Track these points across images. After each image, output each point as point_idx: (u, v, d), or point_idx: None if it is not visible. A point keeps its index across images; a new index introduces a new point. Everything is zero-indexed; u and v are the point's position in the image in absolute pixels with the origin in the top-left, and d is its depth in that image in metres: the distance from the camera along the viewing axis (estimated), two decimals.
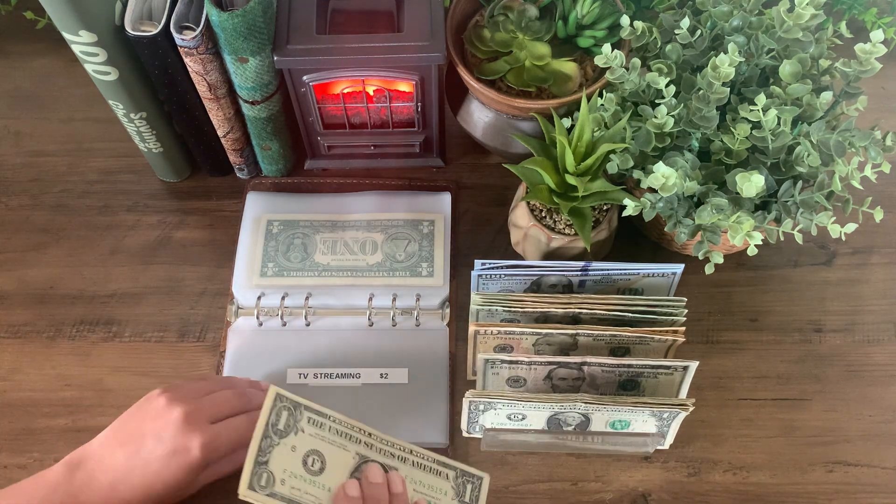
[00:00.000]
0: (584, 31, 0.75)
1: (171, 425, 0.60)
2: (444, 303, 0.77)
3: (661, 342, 0.67)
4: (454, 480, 0.65)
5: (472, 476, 0.66)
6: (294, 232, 0.80)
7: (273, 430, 0.59)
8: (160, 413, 0.61)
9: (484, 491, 0.66)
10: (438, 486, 0.64)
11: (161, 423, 0.61)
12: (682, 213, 0.65)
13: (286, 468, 0.58)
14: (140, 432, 0.61)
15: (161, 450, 0.60)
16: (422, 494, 0.63)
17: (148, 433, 0.61)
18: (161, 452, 0.60)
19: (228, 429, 0.62)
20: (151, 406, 0.62)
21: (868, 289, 0.79)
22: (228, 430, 0.62)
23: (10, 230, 0.83)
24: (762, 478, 0.70)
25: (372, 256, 0.79)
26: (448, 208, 0.82)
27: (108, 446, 0.62)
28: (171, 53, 0.68)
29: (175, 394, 0.63)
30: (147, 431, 0.61)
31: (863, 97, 0.66)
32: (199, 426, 0.61)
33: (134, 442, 0.61)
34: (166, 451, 0.60)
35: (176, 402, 0.62)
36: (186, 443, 0.60)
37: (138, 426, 0.62)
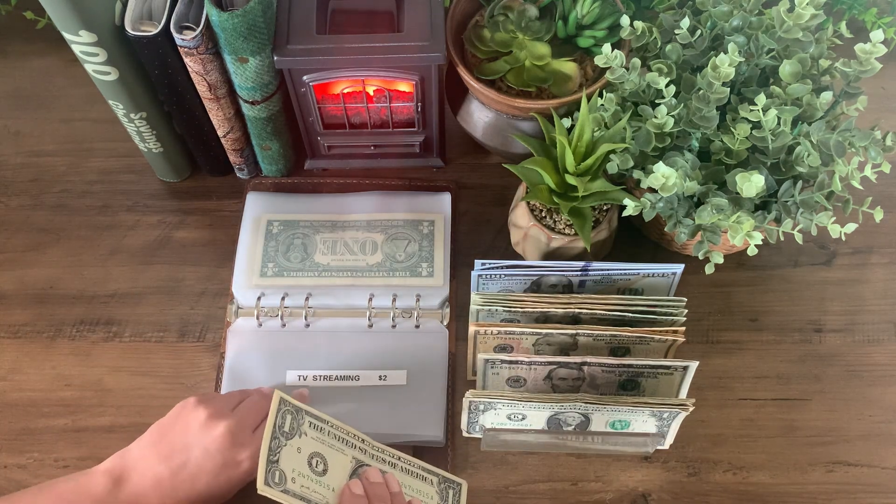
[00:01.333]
0: (584, 31, 0.75)
1: (218, 439, 0.61)
2: (444, 303, 0.77)
3: (661, 342, 0.67)
4: (438, 486, 0.67)
5: (452, 482, 0.68)
6: (294, 232, 0.80)
7: (280, 432, 0.60)
8: (204, 426, 0.62)
9: (463, 496, 0.68)
10: (425, 490, 0.66)
11: (208, 438, 0.61)
12: (682, 213, 0.65)
13: (294, 468, 0.59)
14: (184, 445, 0.61)
15: (211, 465, 0.61)
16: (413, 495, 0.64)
17: (194, 447, 0.61)
18: (211, 467, 0.61)
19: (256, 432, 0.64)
20: (192, 418, 0.62)
21: (868, 289, 0.79)
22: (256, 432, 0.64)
23: (10, 230, 0.83)
24: (762, 478, 0.70)
25: (372, 256, 0.79)
26: (448, 208, 0.82)
27: (150, 459, 0.61)
28: (171, 53, 0.68)
29: (214, 406, 0.63)
30: (193, 445, 0.61)
31: (863, 97, 0.66)
32: (245, 439, 0.62)
33: (179, 456, 0.61)
34: (216, 465, 0.61)
35: (219, 416, 0.62)
36: (236, 456, 0.61)
37: (181, 439, 0.62)
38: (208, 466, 0.61)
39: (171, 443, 0.62)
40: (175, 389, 0.75)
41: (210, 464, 0.61)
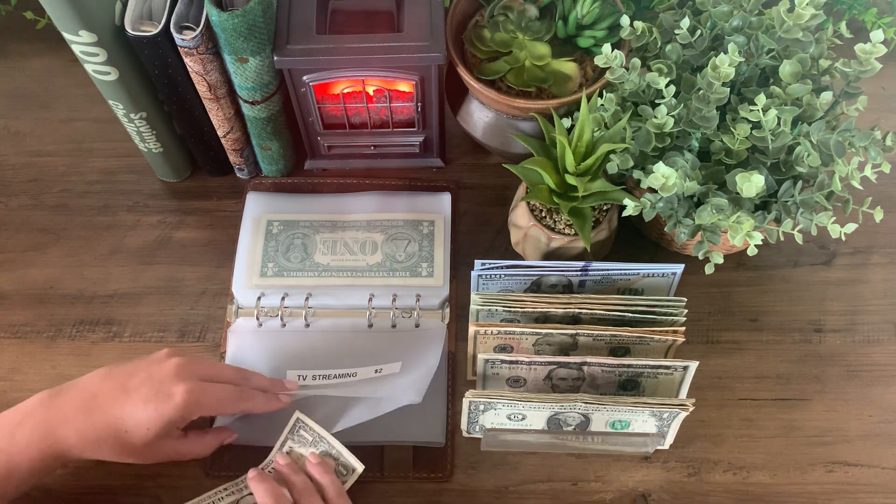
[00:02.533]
0: (584, 31, 0.75)
1: (163, 370, 0.63)
2: (444, 303, 0.77)
3: (661, 342, 0.67)
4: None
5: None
6: (294, 232, 0.80)
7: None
8: (158, 359, 0.64)
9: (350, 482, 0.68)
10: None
11: (155, 367, 0.63)
12: (682, 213, 0.65)
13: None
14: (133, 371, 0.63)
15: (145, 389, 0.62)
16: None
17: (140, 371, 0.63)
18: (144, 392, 0.62)
19: (216, 388, 0.65)
20: (154, 355, 0.65)
21: (868, 289, 0.79)
22: (215, 390, 0.64)
23: (10, 230, 0.83)
24: (762, 478, 0.70)
25: (372, 257, 0.79)
26: (448, 208, 0.82)
27: (97, 377, 0.64)
28: (171, 53, 0.68)
29: (179, 352, 0.66)
30: (139, 370, 0.63)
31: (863, 97, 0.66)
32: (188, 377, 0.63)
33: (122, 376, 0.63)
34: (150, 391, 0.62)
35: (176, 355, 0.65)
36: (171, 388, 0.62)
37: (134, 366, 0.64)
38: (142, 391, 0.62)
39: (124, 368, 0.64)
40: None
41: (144, 388, 0.62)
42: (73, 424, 0.61)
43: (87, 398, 0.62)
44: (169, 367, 0.63)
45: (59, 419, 0.61)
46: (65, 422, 0.61)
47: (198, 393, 0.63)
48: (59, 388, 0.63)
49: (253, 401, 0.67)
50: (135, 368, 0.64)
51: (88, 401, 0.62)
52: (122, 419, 0.62)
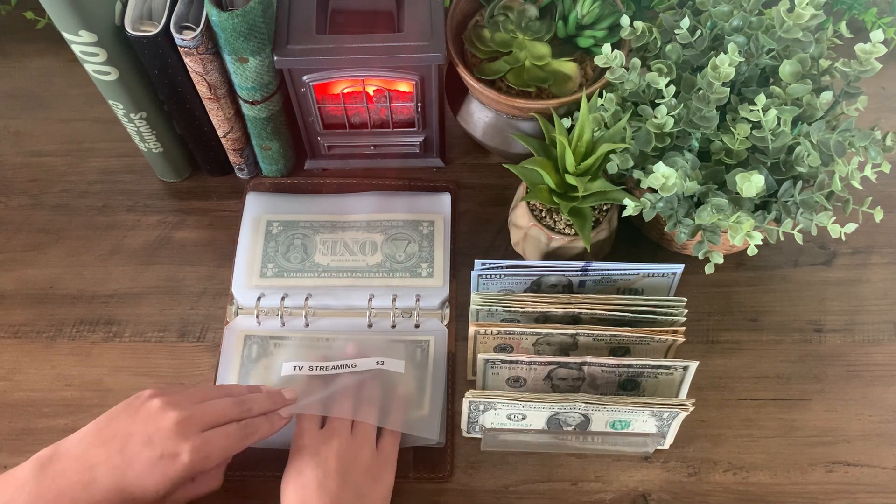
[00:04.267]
0: (584, 31, 0.75)
1: (162, 430, 0.58)
2: (444, 303, 0.77)
3: (661, 342, 0.67)
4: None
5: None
6: (294, 232, 0.80)
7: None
8: (152, 416, 0.59)
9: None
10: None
11: (152, 427, 0.58)
12: (682, 213, 0.65)
13: None
14: (127, 432, 0.58)
15: (148, 454, 0.57)
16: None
17: (136, 434, 0.58)
18: (147, 456, 0.57)
19: (220, 437, 0.60)
20: (143, 408, 0.60)
21: (868, 289, 0.79)
22: (220, 439, 0.60)
23: (10, 230, 0.83)
24: (762, 478, 0.70)
25: (372, 257, 0.79)
26: (448, 209, 0.82)
27: (87, 444, 0.59)
28: (171, 53, 0.68)
29: (170, 398, 0.60)
30: (135, 432, 0.58)
31: (863, 97, 0.66)
32: (191, 433, 0.59)
33: (118, 441, 0.58)
34: (153, 455, 0.57)
35: (171, 407, 0.59)
36: (176, 449, 0.58)
37: (126, 426, 0.59)
38: (145, 455, 0.57)
39: (114, 429, 0.59)
40: None
41: (147, 453, 0.57)
42: (71, 499, 0.57)
43: (84, 471, 0.57)
44: (167, 424, 0.58)
45: (55, 495, 0.56)
46: (62, 496, 0.56)
47: (204, 449, 0.58)
48: (49, 458, 0.58)
49: (258, 432, 0.63)
50: (127, 429, 0.59)
51: (85, 474, 0.57)
52: (126, 489, 0.57)
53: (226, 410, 0.62)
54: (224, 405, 0.62)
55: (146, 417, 0.59)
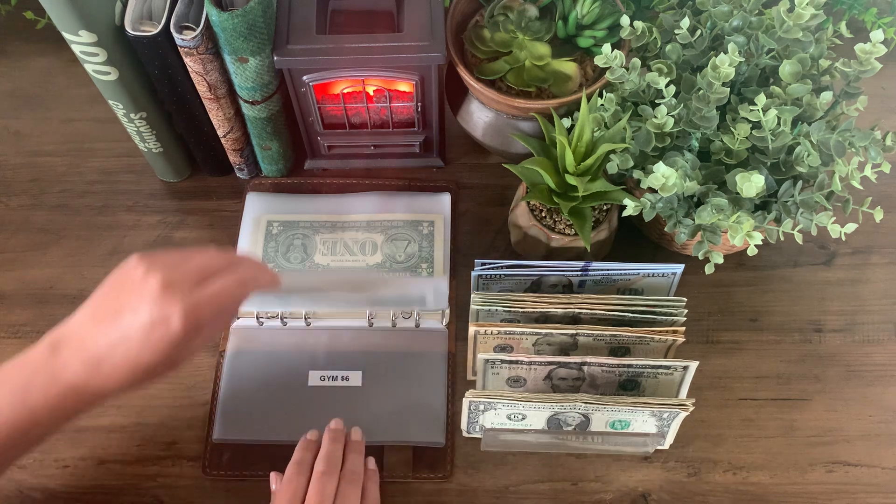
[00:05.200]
0: (584, 31, 0.75)
1: (148, 296, 0.54)
2: (444, 303, 0.77)
3: (661, 342, 0.67)
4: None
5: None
6: (294, 233, 0.80)
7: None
8: (137, 284, 0.55)
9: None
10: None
11: (137, 295, 0.55)
12: (682, 213, 0.65)
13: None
14: (117, 307, 0.55)
15: (139, 323, 0.54)
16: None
17: (124, 306, 0.55)
18: (139, 326, 0.54)
19: (213, 293, 0.56)
20: (128, 277, 0.56)
21: (868, 289, 0.79)
22: (213, 295, 0.56)
23: (10, 230, 0.83)
24: (762, 478, 0.70)
25: (372, 257, 0.79)
26: (448, 209, 0.82)
27: (85, 325, 0.57)
28: (171, 53, 0.68)
29: (153, 260, 0.56)
30: (124, 305, 0.55)
31: (863, 97, 0.66)
32: (178, 294, 0.54)
33: (111, 318, 0.55)
34: (144, 324, 0.54)
35: (154, 270, 0.55)
36: (165, 313, 0.54)
37: (115, 300, 0.56)
38: (136, 325, 0.54)
39: (106, 305, 0.56)
40: (175, 389, 0.74)
41: (137, 322, 0.54)
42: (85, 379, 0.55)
43: (89, 351, 0.55)
44: (152, 289, 0.54)
45: (70, 377, 0.55)
46: (77, 378, 0.55)
47: (195, 311, 0.54)
48: (58, 341, 0.56)
49: (256, 282, 0.59)
50: (117, 303, 0.56)
51: (91, 354, 0.55)
52: (134, 362, 0.55)
53: (212, 262, 0.57)
54: (210, 257, 0.58)
55: (131, 287, 0.55)
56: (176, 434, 0.73)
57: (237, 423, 0.72)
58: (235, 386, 0.74)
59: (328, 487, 0.62)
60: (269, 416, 0.72)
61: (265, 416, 0.72)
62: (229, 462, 0.71)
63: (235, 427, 0.72)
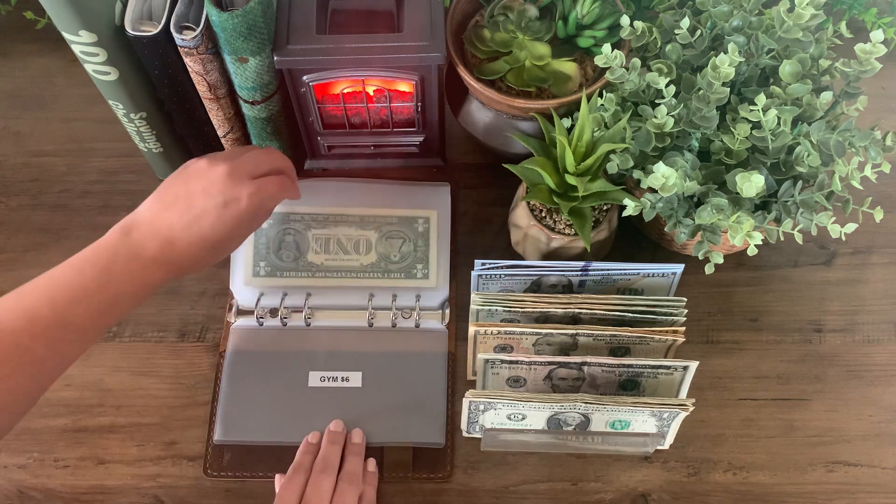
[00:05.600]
0: (584, 31, 0.75)
1: (218, 181, 0.64)
2: (444, 303, 0.77)
3: (661, 342, 0.67)
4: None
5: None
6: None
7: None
8: (203, 173, 0.65)
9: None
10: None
11: (207, 182, 0.64)
12: (682, 213, 0.65)
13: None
14: (186, 192, 0.64)
15: (212, 203, 0.63)
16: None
17: (195, 192, 0.64)
18: (213, 205, 0.63)
19: (270, 182, 0.67)
20: (192, 169, 0.66)
21: (868, 289, 0.79)
22: (270, 184, 0.67)
23: (10, 230, 0.83)
24: (762, 478, 0.70)
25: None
26: (447, 202, 0.81)
27: (155, 210, 0.64)
28: (171, 53, 0.68)
29: (211, 158, 0.66)
30: (193, 191, 0.64)
31: (863, 97, 0.66)
32: (243, 179, 0.65)
33: (182, 202, 0.64)
34: (217, 203, 0.63)
35: (217, 161, 0.65)
36: (236, 193, 0.64)
37: (183, 188, 0.64)
38: (210, 206, 0.63)
39: (174, 193, 0.65)
40: (175, 389, 0.75)
41: (212, 202, 0.63)
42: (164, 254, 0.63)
43: (162, 233, 0.63)
44: (220, 176, 0.64)
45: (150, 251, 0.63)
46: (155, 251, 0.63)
47: (259, 192, 0.65)
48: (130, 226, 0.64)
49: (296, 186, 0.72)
50: (185, 189, 0.64)
51: (164, 235, 0.63)
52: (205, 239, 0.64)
53: (261, 160, 0.68)
54: (260, 155, 0.69)
55: (198, 176, 0.65)
56: (176, 434, 0.73)
57: (238, 424, 0.72)
58: (236, 386, 0.74)
59: (324, 486, 0.65)
60: (270, 417, 0.72)
61: (265, 417, 0.72)
62: (230, 463, 0.71)
63: (236, 428, 0.72)
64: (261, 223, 0.70)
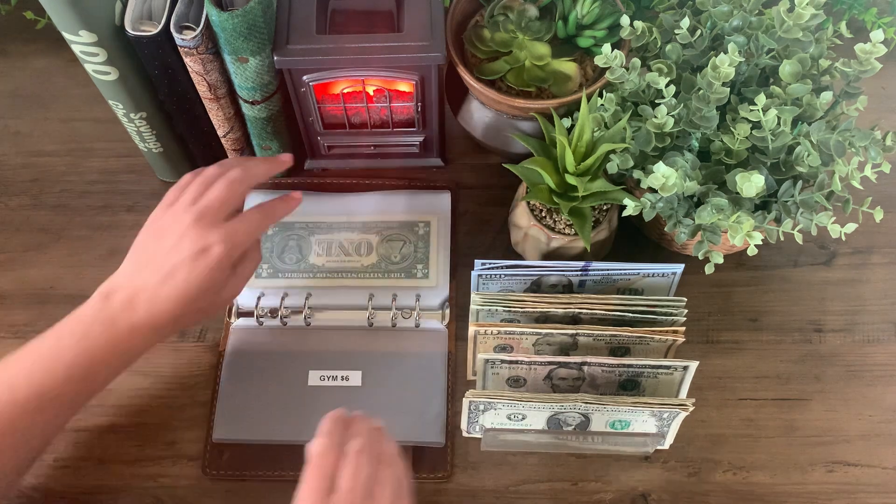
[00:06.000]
0: (584, 31, 0.75)
1: (186, 233, 0.62)
2: (444, 303, 0.77)
3: (661, 342, 0.67)
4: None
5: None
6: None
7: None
8: (171, 227, 0.63)
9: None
10: None
11: (176, 236, 0.62)
12: (682, 213, 0.65)
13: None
14: (157, 250, 0.63)
15: (181, 257, 0.61)
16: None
17: (166, 248, 0.62)
18: (184, 258, 0.61)
19: (242, 221, 0.64)
20: (158, 225, 0.64)
21: (868, 289, 0.79)
22: (243, 223, 0.64)
23: (10, 230, 0.83)
24: (762, 478, 0.70)
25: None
26: (447, 208, 0.81)
27: (130, 272, 0.63)
28: (171, 53, 0.68)
29: (178, 204, 0.64)
30: (164, 247, 0.62)
31: (863, 97, 0.66)
32: (212, 225, 0.63)
33: (155, 260, 0.62)
34: (186, 257, 0.61)
35: (182, 211, 0.63)
36: (205, 242, 0.62)
37: (154, 245, 0.63)
38: (180, 260, 0.61)
39: (147, 252, 0.64)
40: (175, 389, 0.75)
41: (181, 257, 0.61)
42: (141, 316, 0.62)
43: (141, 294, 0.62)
44: (187, 227, 0.62)
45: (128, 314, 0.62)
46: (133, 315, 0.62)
47: (231, 237, 0.63)
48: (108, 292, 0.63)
49: (275, 213, 0.68)
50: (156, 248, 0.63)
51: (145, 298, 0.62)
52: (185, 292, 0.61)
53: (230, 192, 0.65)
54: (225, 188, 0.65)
55: (167, 231, 0.63)
56: (176, 434, 0.73)
57: (237, 423, 0.72)
58: (235, 386, 0.74)
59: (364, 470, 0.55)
60: (269, 416, 0.72)
61: (265, 416, 0.72)
62: (229, 462, 0.71)
63: (235, 427, 0.72)
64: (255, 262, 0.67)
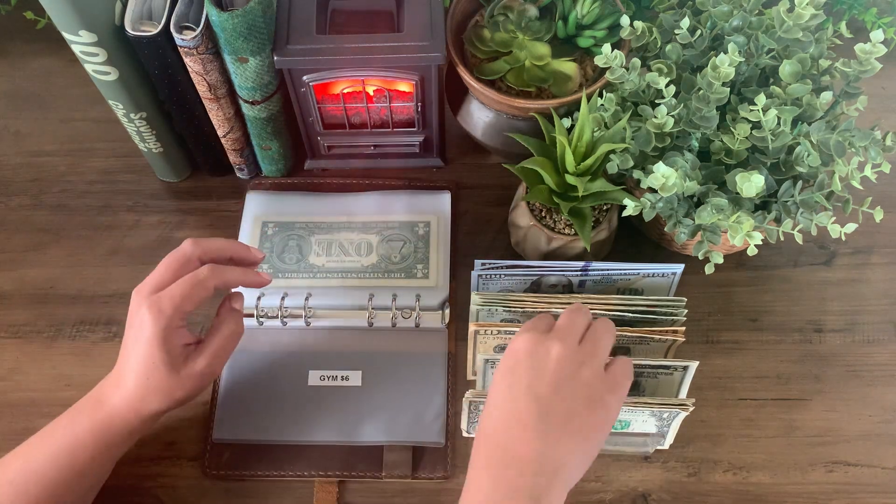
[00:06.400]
0: (584, 31, 0.75)
1: (130, 312, 0.64)
2: (444, 303, 0.77)
3: (661, 342, 0.67)
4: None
5: None
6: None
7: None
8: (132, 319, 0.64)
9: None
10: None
11: (136, 328, 0.63)
12: (682, 213, 0.65)
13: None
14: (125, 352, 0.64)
15: (128, 338, 0.63)
16: None
17: (130, 344, 0.63)
18: (130, 340, 0.63)
19: (170, 289, 0.63)
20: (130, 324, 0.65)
21: (868, 289, 0.79)
22: (171, 289, 0.63)
23: (10, 230, 0.83)
24: (762, 478, 0.70)
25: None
26: (447, 208, 0.81)
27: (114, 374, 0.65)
28: (171, 53, 0.68)
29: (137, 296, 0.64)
30: (129, 344, 0.64)
31: (863, 97, 0.66)
32: (143, 297, 0.63)
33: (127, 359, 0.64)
34: (129, 334, 0.63)
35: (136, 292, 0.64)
36: (138, 318, 0.62)
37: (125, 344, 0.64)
38: (126, 339, 0.63)
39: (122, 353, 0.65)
40: None
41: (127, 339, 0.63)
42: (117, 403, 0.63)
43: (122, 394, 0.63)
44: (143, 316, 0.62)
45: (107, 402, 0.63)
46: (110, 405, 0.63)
47: (157, 302, 0.62)
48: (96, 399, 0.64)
49: (224, 274, 0.65)
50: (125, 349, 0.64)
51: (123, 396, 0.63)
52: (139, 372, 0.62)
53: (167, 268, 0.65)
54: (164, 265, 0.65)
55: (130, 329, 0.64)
56: (176, 434, 0.73)
57: (237, 422, 0.72)
58: (235, 385, 0.74)
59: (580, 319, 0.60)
60: (269, 416, 0.72)
61: (265, 416, 0.72)
62: (229, 462, 0.71)
63: (235, 427, 0.72)
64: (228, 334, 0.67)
